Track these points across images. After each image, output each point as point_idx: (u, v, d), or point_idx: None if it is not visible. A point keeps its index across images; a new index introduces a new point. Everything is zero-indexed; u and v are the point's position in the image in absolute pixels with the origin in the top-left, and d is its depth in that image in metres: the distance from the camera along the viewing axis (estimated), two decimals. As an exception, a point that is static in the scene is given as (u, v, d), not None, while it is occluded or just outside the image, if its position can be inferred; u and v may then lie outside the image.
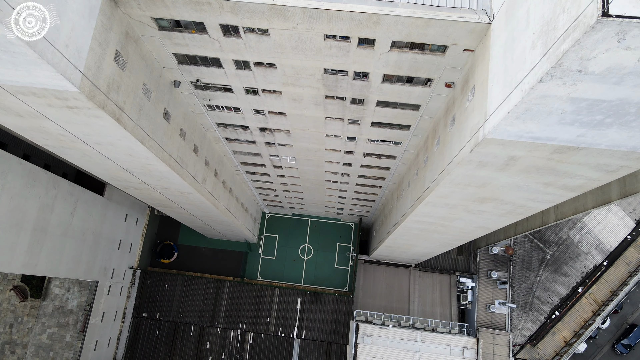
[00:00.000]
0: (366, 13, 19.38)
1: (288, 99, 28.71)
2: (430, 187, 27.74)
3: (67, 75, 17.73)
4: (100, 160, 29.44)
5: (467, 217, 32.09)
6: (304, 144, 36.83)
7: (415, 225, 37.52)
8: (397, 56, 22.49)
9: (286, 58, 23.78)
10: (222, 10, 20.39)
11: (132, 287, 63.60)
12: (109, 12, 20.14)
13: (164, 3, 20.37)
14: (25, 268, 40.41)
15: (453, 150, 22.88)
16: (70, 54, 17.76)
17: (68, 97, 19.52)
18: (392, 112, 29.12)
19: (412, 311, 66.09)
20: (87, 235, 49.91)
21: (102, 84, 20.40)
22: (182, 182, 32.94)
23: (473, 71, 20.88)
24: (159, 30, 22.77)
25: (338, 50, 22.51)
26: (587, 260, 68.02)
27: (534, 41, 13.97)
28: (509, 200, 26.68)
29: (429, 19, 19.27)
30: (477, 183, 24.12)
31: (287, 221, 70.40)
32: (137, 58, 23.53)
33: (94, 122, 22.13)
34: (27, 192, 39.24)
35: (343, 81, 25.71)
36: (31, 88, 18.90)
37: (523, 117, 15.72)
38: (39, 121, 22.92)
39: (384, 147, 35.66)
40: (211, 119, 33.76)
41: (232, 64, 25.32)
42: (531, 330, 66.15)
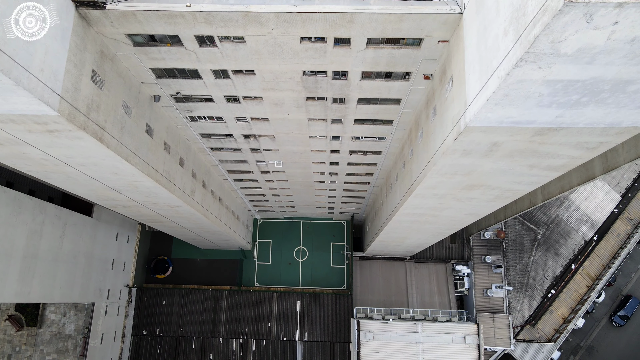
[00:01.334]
0: (340, 13, 19.51)
1: (269, 104, 28.74)
2: (417, 179, 28.00)
3: (44, 100, 17.58)
4: (86, 182, 29.16)
5: (457, 205, 32.42)
6: (289, 147, 36.88)
7: (406, 217, 37.79)
8: (373, 53, 22.68)
9: (264, 64, 23.82)
10: (196, 22, 20.38)
11: (129, 305, 63.03)
12: (81, 32, 20.00)
13: (136, 19, 20.28)
14: (18, 297, 39.85)
15: (437, 141, 23.14)
16: (46, 78, 17.60)
17: (48, 122, 19.35)
18: (373, 108, 29.32)
19: (411, 303, 66.52)
20: (79, 258, 49.36)
21: (81, 105, 20.25)
22: (170, 195, 32.78)
23: (449, 61, 21.15)
24: (134, 46, 22.66)
25: (315, 51, 22.62)
26: (578, 237, 69.11)
27: (506, 28, 14.23)
28: (496, 185, 27.05)
29: (401, 14, 19.47)
30: (463, 171, 24.42)
31: (279, 225, 70.35)
32: (115, 76, 23.38)
33: (76, 143, 21.94)
34: (14, 220, 38.72)
35: (322, 82, 25.83)
36: (9, 115, 18.69)
37: (502, 103, 15.99)
38: (20, 148, 22.65)
39: (369, 144, 35.87)
40: (194, 130, 33.64)
41: (211, 73, 25.29)
42: (529, 310, 67.01)
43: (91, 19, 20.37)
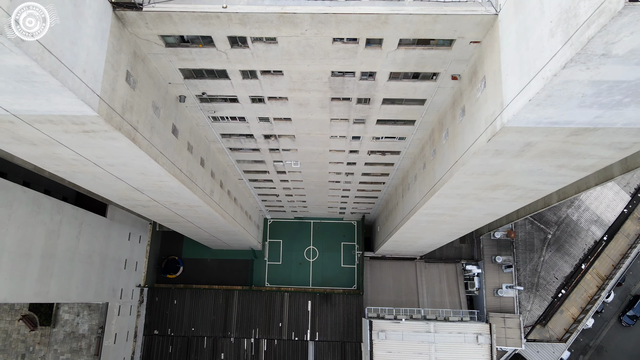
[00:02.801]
0: (375, 14, 19.65)
1: (294, 104, 28.89)
2: (442, 179, 28.11)
3: (86, 100, 17.73)
4: (111, 182, 29.31)
5: (477, 205, 32.56)
6: (308, 148, 37.02)
7: (424, 217, 37.91)
8: (404, 54, 22.82)
9: (293, 64, 23.97)
10: (231, 23, 20.52)
11: (140, 305, 63.18)
12: (118, 33, 20.16)
13: (172, 20, 20.43)
14: (37, 296, 40.01)
15: (466, 141, 23.25)
16: (88, 79, 17.76)
17: (85, 122, 19.49)
18: (397, 109, 29.46)
19: (422, 303, 66.62)
20: (94, 257, 49.52)
21: (117, 106, 20.41)
22: (192, 196, 32.92)
23: (482, 62, 21.27)
24: (166, 47, 22.81)
25: (346, 52, 22.76)
26: (588, 237, 69.20)
27: (552, 29, 14.35)
28: (521, 186, 27.18)
29: (436, 14, 19.61)
30: (491, 171, 24.55)
31: (290, 225, 70.48)
32: (146, 77, 23.54)
33: (110, 144, 22.09)
34: (33, 220, 38.89)
35: (350, 82, 25.98)
36: (48, 116, 18.85)
37: (544, 104, 16.12)
38: (53, 148, 22.80)
39: (388, 144, 36.01)
40: (215, 130, 33.79)
41: (239, 74, 25.44)
42: (540, 310, 67.11)
43: (126, 20, 20.52)
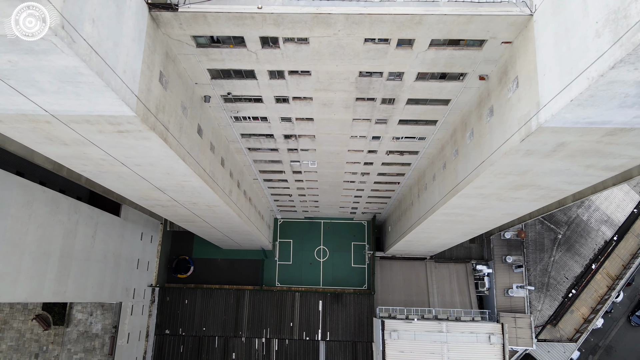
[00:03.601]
0: (409, 14, 19.74)
1: (318, 104, 29.00)
2: (466, 179, 28.19)
3: (126, 101, 17.84)
4: (135, 182, 29.42)
5: (498, 205, 32.64)
6: (327, 148, 37.13)
7: (442, 217, 38.00)
8: (434, 54, 22.92)
9: (322, 64, 24.07)
10: (265, 23, 20.63)
11: (152, 305, 63.33)
12: (153, 34, 20.28)
13: (206, 21, 20.54)
14: (55, 296, 40.14)
15: (495, 141, 23.33)
16: (128, 79, 17.88)
17: (122, 122, 19.60)
18: (420, 109, 29.55)
19: (432, 303, 66.70)
20: (108, 257, 49.66)
21: (152, 106, 20.52)
22: (213, 195, 33.03)
23: (513, 63, 21.35)
24: (197, 47, 22.93)
25: (376, 52, 22.86)
26: (598, 237, 69.27)
27: (598, 30, 14.43)
28: (545, 185, 27.26)
29: (471, 15, 19.70)
30: (518, 171, 24.64)
31: (300, 225, 70.58)
32: (176, 77, 23.66)
33: (141, 144, 22.19)
34: (52, 220, 39.03)
35: (376, 82, 26.08)
36: (87, 116, 18.95)
37: (585, 104, 16.20)
38: (84, 148, 22.91)
39: (407, 144, 36.10)
40: (236, 130, 33.90)
41: (266, 74, 25.54)
42: (550, 310, 67.18)
43: (161, 21, 20.63)
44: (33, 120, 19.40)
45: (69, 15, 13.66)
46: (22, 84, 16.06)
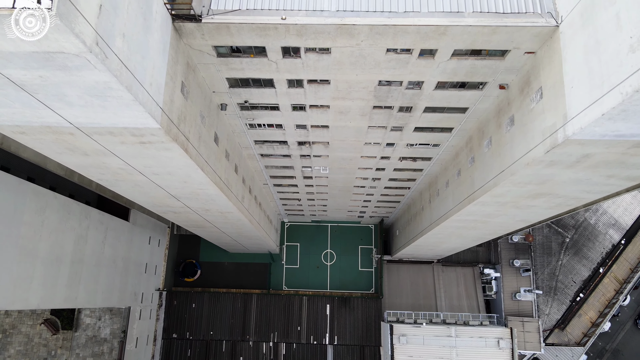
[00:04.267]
0: (434, 26, 19.64)
1: (335, 112, 28.90)
2: (484, 187, 28.08)
3: (151, 113, 17.77)
4: (151, 190, 29.35)
5: (513, 212, 32.53)
6: (340, 154, 37.04)
7: (455, 224, 37.91)
8: (455, 64, 22.82)
9: (342, 74, 23.98)
10: (288, 34, 20.53)
11: (159, 309, 63.23)
12: (175, 45, 20.20)
13: (229, 31, 20.45)
14: (66, 302, 40.09)
15: (516, 151, 23.22)
16: (154, 92, 17.80)
17: (145, 134, 19.52)
18: (437, 117, 29.45)
19: (440, 306, 66.58)
20: (118, 262, 49.60)
21: (174, 117, 20.44)
22: (227, 202, 32.96)
23: (537, 73, 21.24)
24: (218, 57, 22.83)
25: (397, 62, 22.77)
26: (606, 241, 69.11)
27: (632, 45, 14.33)
28: (564, 194, 27.15)
29: (496, 26, 19.60)
30: (538, 181, 24.53)
31: (307, 228, 70.49)
32: (195, 86, 23.58)
33: (162, 154, 22.12)
34: (63, 226, 38.98)
35: (395, 91, 25.98)
36: (111, 128, 18.87)
37: (616, 118, 16.10)
38: (104, 158, 22.84)
39: (421, 150, 36.00)
40: (250, 137, 33.82)
41: (285, 83, 25.45)
42: (558, 314, 67.06)
43: (183, 32, 20.55)
44: (56, 132, 19.33)
45: (102, 31, 13.59)
46: (50, 97, 15.98)
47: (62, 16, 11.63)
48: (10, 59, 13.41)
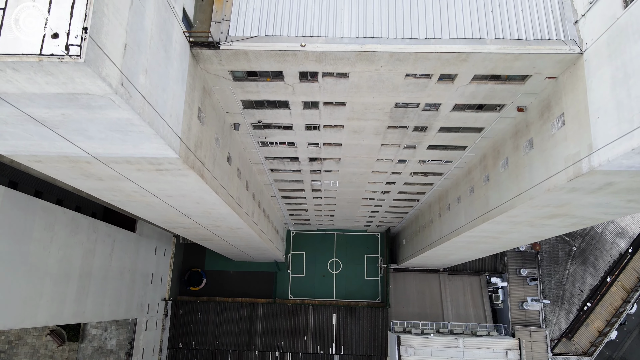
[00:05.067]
0: (456, 53, 19.36)
1: (348, 131, 28.63)
2: (500, 207, 27.79)
3: (171, 144, 17.50)
4: (163, 209, 29.09)
5: (527, 230, 32.23)
6: (351, 169, 36.75)
7: (466, 239, 37.63)
8: (474, 87, 22.54)
9: (359, 96, 23.70)
10: (307, 60, 20.25)
11: (165, 318, 62.93)
12: (193, 71, 19.93)
13: (247, 57, 20.17)
14: (75, 317, 39.79)
15: (536, 176, 22.94)
16: (173, 123, 17.54)
17: (163, 162, 19.25)
18: (452, 136, 29.18)
19: (447, 316, 66.26)
20: (125, 274, 49.32)
21: (192, 144, 20.17)
22: (238, 220, 32.70)
23: (558, 99, 20.95)
24: (234, 81, 22.55)
25: (415, 86, 22.49)
26: (613, 249, 68.78)
27: (666, 82, 14.06)
28: (581, 215, 26.85)
29: (519, 53, 19.32)
30: (556, 204, 24.24)
31: (313, 237, 70.17)
32: (210, 110, 23.31)
33: (178, 179, 21.84)
34: (72, 241, 38.70)
35: (411, 113, 25.70)
36: (129, 158, 18.60)
37: (646, 152, 15.82)
38: (118, 183, 22.57)
39: (433, 166, 35.72)
40: (261, 153, 33.54)
41: (300, 105, 25.17)
42: (565, 323, 66.75)
43: (200, 58, 20.27)
44: (73, 161, 19.06)
45: (127, 70, 13.33)
46: (71, 132, 15.72)
47: (90, 62, 11.37)
48: (33, 99, 13.15)
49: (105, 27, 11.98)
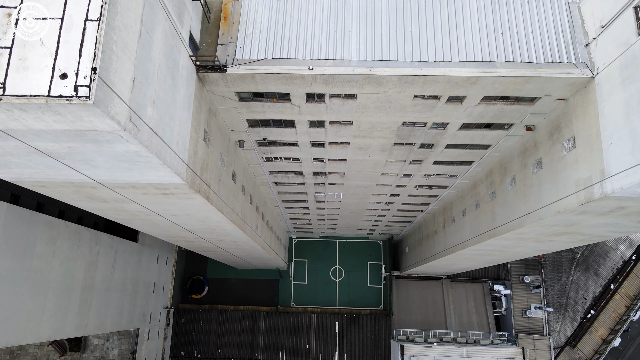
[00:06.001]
0: (466, 76, 19.12)
1: (354, 148, 28.39)
2: (507, 225, 27.55)
3: (177, 172, 17.25)
4: (167, 226, 28.86)
5: (533, 245, 31.99)
6: (355, 182, 36.51)
7: (470, 252, 37.38)
8: (483, 108, 22.30)
9: (366, 116, 23.46)
10: (314, 82, 20.01)
11: (167, 327, 62.65)
12: (199, 94, 19.69)
13: (253, 80, 19.93)
14: (77, 330, 39.56)
15: (545, 197, 22.70)
16: (180, 149, 17.29)
17: (169, 187, 19.01)
18: (458, 152, 28.94)
19: (450, 323, 65.95)
20: (127, 284, 49.05)
21: (198, 168, 19.93)
22: (242, 235, 32.47)
23: (568, 120, 20.70)
24: (240, 101, 22.30)
25: (423, 107, 22.25)
26: (616, 256, 68.49)
27: (683, 114, 13.82)
28: (589, 233, 26.59)
29: (529, 77, 19.07)
30: (565, 224, 23.99)
31: (315, 244, 69.89)
32: (216, 130, 23.07)
33: (184, 202, 21.61)
34: (74, 254, 38.44)
35: (418, 131, 25.46)
36: (134, 184, 18.36)
37: (661, 182, 15.58)
38: (123, 204, 22.33)
39: (438, 179, 35.46)
40: (265, 168, 33.29)
41: (306, 124, 24.91)
42: (569, 331, 66.44)
43: (207, 80, 20.03)
44: (78, 186, 18.82)
45: (135, 105, 13.09)
46: (77, 162, 15.48)
47: (99, 103, 11.12)
48: (40, 135, 12.92)
49: (114, 65, 11.74)
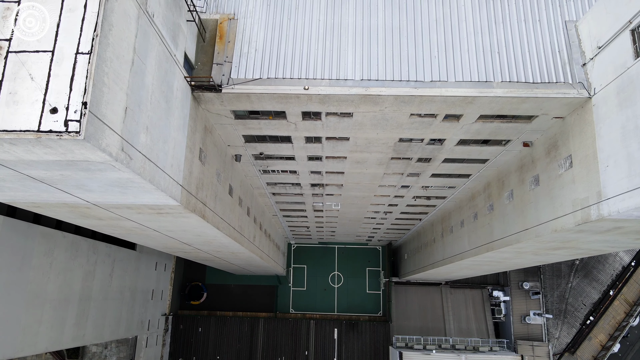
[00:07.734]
0: (462, 96, 19.03)
1: (351, 162, 28.31)
2: (505, 240, 27.46)
3: (172, 194, 17.16)
4: (164, 240, 28.78)
5: (531, 257, 31.93)
6: (353, 193, 36.44)
7: (469, 263, 37.30)
8: (480, 125, 22.21)
9: (363, 133, 23.39)
10: (310, 101, 19.94)
11: (165, 334, 62.52)
12: (194, 114, 19.60)
13: (249, 99, 19.85)
14: (75, 341, 39.43)
15: (542, 214, 22.61)
16: (174, 172, 17.20)
17: (164, 208, 18.92)
18: (456, 166, 28.85)
19: (449, 330, 65.82)
20: (125, 293, 48.93)
21: (193, 188, 19.84)
22: (240, 247, 32.37)
23: (565, 139, 20.62)
24: (235, 119, 22.22)
25: (420, 124, 22.17)
26: (616, 262, 68.35)
27: (679, 142, 13.73)
28: (586, 247, 26.53)
29: (526, 97, 18.99)
30: (563, 240, 23.90)
31: (314, 250, 69.79)
32: (212, 147, 22.98)
33: (179, 220, 21.52)
34: (71, 264, 38.30)
35: (415, 147, 25.39)
36: (129, 205, 18.27)
37: (657, 207, 15.50)
38: (118, 222, 22.24)
39: (436, 191, 35.38)
40: (263, 180, 33.22)
41: (303, 139, 24.84)
42: (568, 337, 66.31)
43: (201, 99, 19.95)
44: (73, 207, 18.74)
45: (127, 134, 13.01)
46: (70, 187, 15.39)
47: (90, 137, 11.04)
48: (31, 164, 12.83)
49: (106, 97, 11.65)
